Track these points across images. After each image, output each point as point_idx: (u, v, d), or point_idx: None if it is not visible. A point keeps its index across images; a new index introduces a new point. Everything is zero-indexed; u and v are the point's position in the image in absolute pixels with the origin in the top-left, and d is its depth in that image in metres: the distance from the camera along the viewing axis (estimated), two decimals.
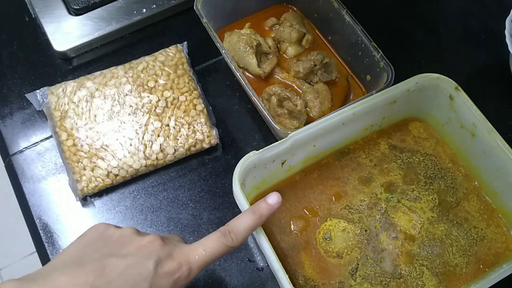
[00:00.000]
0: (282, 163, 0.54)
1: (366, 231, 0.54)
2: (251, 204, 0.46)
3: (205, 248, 0.40)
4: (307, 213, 0.55)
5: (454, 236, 0.55)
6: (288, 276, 0.44)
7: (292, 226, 0.55)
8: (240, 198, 0.47)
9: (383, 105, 0.56)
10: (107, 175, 0.57)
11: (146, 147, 0.58)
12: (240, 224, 0.42)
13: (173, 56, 0.64)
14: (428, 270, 0.53)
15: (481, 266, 0.53)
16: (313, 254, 0.53)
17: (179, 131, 0.60)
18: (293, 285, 0.44)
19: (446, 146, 0.60)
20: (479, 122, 0.53)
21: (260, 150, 0.50)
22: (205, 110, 0.61)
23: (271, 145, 0.50)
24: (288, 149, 0.52)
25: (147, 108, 0.60)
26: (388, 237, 0.54)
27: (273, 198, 0.43)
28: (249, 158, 0.49)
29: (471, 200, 0.57)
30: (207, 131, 0.60)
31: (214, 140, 0.60)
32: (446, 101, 0.56)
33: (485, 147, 0.54)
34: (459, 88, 0.55)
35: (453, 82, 0.55)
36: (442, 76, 0.55)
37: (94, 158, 0.57)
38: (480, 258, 0.54)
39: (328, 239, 0.54)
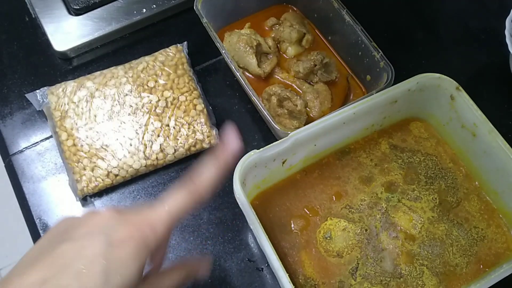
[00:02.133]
0: (283, 162, 0.54)
1: (366, 230, 0.54)
2: (251, 204, 0.46)
3: (169, 205, 0.38)
4: (308, 212, 0.55)
5: (455, 236, 0.55)
6: (288, 275, 0.44)
7: (292, 225, 0.55)
8: (241, 197, 0.47)
9: (383, 105, 0.56)
10: (107, 175, 0.57)
11: (146, 147, 0.58)
12: (204, 175, 0.41)
13: (173, 56, 0.64)
14: (428, 270, 0.53)
15: (481, 266, 0.53)
16: (314, 253, 0.53)
17: (179, 131, 0.60)
18: (293, 284, 0.44)
19: (447, 146, 0.60)
20: (480, 122, 0.53)
21: (261, 149, 0.50)
22: (205, 110, 0.61)
23: (271, 144, 0.50)
24: (288, 148, 0.52)
25: (147, 108, 0.60)
26: (389, 236, 0.54)
27: (233, 144, 0.42)
28: (250, 157, 0.49)
29: (472, 200, 0.57)
30: (207, 131, 0.60)
31: (214, 140, 0.60)
32: (447, 101, 0.56)
33: (486, 147, 0.54)
34: (460, 88, 0.55)
35: (454, 82, 0.55)
36: (443, 76, 0.55)
37: (94, 158, 0.57)
38: (480, 258, 0.54)
39: (328, 238, 0.54)
